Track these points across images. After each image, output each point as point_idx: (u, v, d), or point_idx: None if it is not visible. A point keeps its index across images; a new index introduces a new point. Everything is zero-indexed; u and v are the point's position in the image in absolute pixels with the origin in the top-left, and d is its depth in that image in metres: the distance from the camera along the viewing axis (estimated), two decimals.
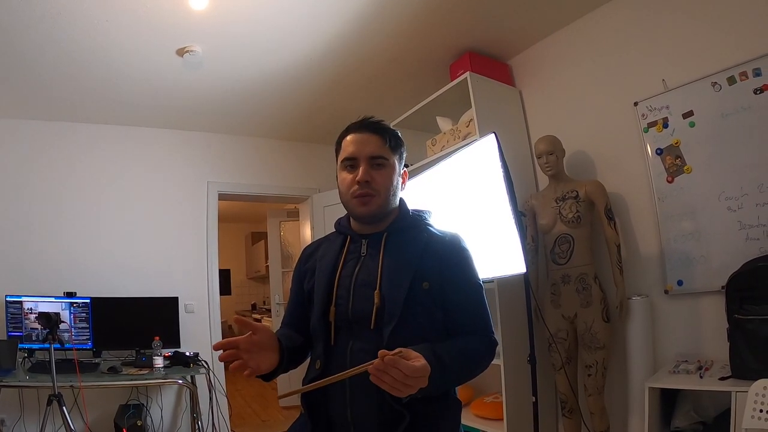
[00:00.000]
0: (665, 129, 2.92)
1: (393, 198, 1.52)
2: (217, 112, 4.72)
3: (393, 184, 1.51)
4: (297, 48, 3.66)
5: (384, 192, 1.48)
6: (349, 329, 1.44)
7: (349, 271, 1.50)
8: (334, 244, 1.59)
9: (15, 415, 3.80)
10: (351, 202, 1.49)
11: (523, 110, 3.90)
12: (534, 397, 2.84)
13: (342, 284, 1.48)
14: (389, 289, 1.40)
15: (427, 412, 1.35)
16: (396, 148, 1.54)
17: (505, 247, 2.81)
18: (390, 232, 1.52)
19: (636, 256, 3.12)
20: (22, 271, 4.19)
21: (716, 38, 2.73)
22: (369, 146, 1.48)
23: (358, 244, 1.54)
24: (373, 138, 1.49)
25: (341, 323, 1.45)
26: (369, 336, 1.39)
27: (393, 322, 1.36)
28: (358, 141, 1.49)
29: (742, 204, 2.59)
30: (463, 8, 3.29)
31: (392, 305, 1.38)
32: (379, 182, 1.47)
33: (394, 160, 1.53)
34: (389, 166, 1.50)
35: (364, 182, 1.45)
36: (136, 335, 4.19)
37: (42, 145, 4.49)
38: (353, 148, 1.49)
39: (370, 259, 1.49)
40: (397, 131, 1.58)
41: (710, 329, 2.71)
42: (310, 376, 1.44)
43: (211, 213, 5.11)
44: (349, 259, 1.53)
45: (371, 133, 1.50)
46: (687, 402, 2.56)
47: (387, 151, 1.50)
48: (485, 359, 1.44)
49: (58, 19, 3.02)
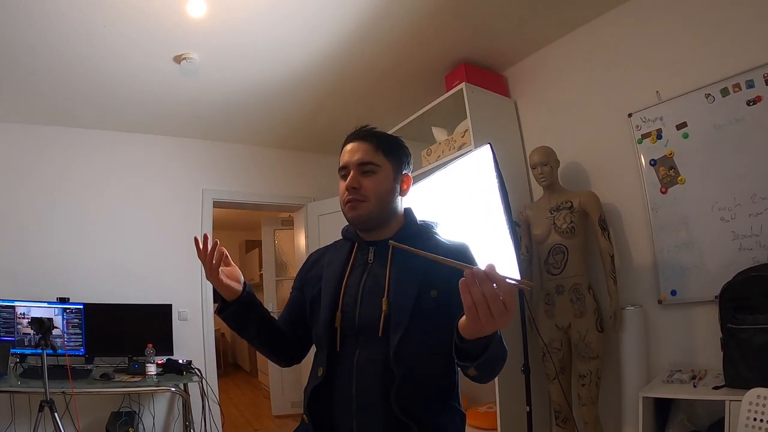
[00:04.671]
0: (659, 140, 2.95)
1: (387, 203, 1.51)
2: (212, 119, 4.72)
3: (385, 188, 1.50)
4: (293, 57, 3.68)
5: (374, 197, 1.47)
6: (355, 337, 1.42)
7: (357, 278, 1.49)
8: (341, 252, 1.59)
9: (6, 420, 3.76)
10: (343, 209, 1.52)
11: (518, 121, 3.92)
12: (528, 407, 2.84)
13: (349, 291, 1.47)
14: (397, 297, 1.39)
15: (434, 424, 1.35)
16: (390, 152, 1.54)
17: (500, 257, 2.82)
18: (397, 240, 1.46)
19: (630, 266, 3.13)
20: (14, 276, 4.16)
21: (709, 50, 2.76)
22: (357, 154, 1.49)
23: (366, 252, 1.54)
24: (362, 145, 1.51)
25: (347, 331, 1.43)
26: (376, 344, 1.38)
27: (400, 331, 1.35)
28: (350, 150, 1.52)
29: (735, 214, 2.61)
30: (458, 20, 3.32)
31: (399, 313, 1.37)
32: (368, 188, 1.47)
33: (389, 165, 1.53)
34: (380, 172, 1.50)
35: (352, 188, 1.46)
36: (129, 342, 4.16)
37: (37, 150, 4.48)
38: (345, 157, 1.52)
39: (377, 267, 1.49)
40: (394, 136, 1.61)
41: (704, 339, 2.72)
42: (313, 383, 1.43)
43: (205, 220, 5.11)
44: (356, 266, 1.52)
45: (360, 140, 1.52)
46: (681, 411, 2.56)
47: (378, 156, 1.50)
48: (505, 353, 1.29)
49: (55, 24, 3.02)
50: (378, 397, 1.30)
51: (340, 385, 1.38)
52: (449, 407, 1.44)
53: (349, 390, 1.36)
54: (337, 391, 1.38)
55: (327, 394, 1.40)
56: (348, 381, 1.37)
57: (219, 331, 7.15)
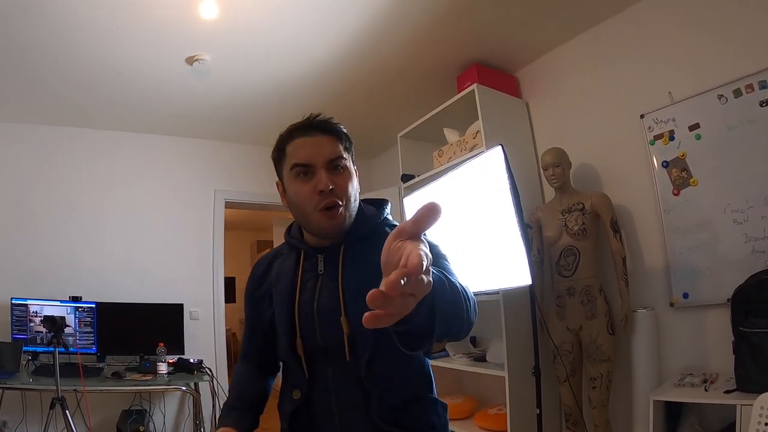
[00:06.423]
0: (671, 141, 2.93)
1: (356, 204, 1.34)
2: (224, 120, 4.75)
3: (356, 187, 1.33)
4: (304, 59, 3.70)
5: (349, 200, 1.29)
6: (324, 354, 1.30)
7: (309, 295, 1.32)
8: (287, 262, 1.41)
9: (17, 417, 3.80)
10: (314, 217, 1.27)
11: (529, 122, 3.91)
12: (538, 409, 2.84)
13: (304, 311, 1.31)
14: (356, 313, 1.21)
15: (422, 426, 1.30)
16: (350, 148, 1.36)
17: (511, 259, 2.82)
18: (347, 245, 1.33)
19: (641, 268, 3.11)
20: (28, 275, 4.21)
21: (722, 51, 2.74)
22: (325, 148, 1.28)
23: (314, 260, 1.36)
24: (328, 139, 1.30)
25: (313, 353, 1.32)
26: (348, 363, 1.26)
27: (367, 352, 1.23)
28: (311, 144, 1.29)
29: (748, 216, 2.59)
30: (470, 20, 3.32)
31: (363, 334, 1.22)
32: (343, 189, 1.28)
33: (350, 159, 1.35)
34: (349, 168, 1.32)
35: (329, 191, 1.24)
36: (141, 341, 4.20)
37: (51, 150, 4.53)
38: (306, 153, 1.28)
39: (328, 279, 1.32)
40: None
41: (715, 342, 2.70)
42: (291, 406, 1.33)
43: (217, 221, 5.13)
44: (306, 279, 1.35)
45: (325, 134, 1.31)
46: (692, 415, 2.54)
47: (344, 151, 1.32)
48: (470, 300, 1.06)
49: (69, 26, 3.05)
50: (360, 412, 1.24)
51: (319, 404, 1.30)
52: (431, 401, 1.36)
53: (329, 407, 1.29)
54: (317, 410, 1.31)
55: (307, 415, 1.32)
56: (326, 399, 1.29)
57: (230, 331, 7.18)
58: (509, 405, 3.13)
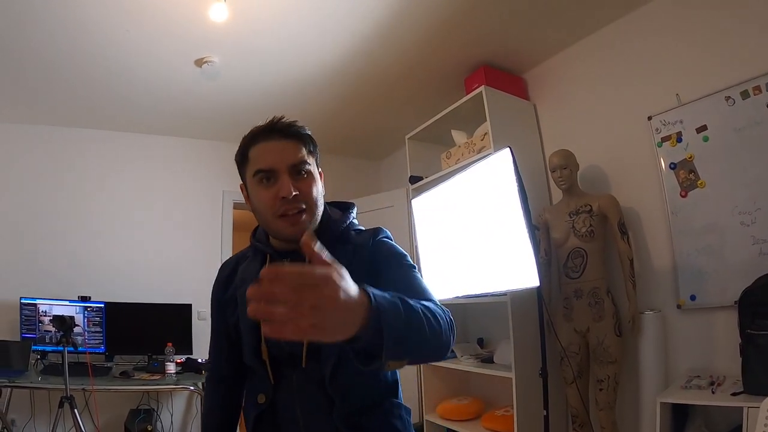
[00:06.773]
0: (679, 143, 2.92)
1: (321, 208, 1.32)
2: (233, 121, 4.76)
3: (321, 193, 1.32)
4: (311, 61, 3.72)
5: (313, 204, 1.27)
6: (289, 359, 1.28)
7: None
8: (252, 266, 1.40)
9: (26, 416, 3.84)
10: (276, 223, 1.26)
11: (537, 124, 3.91)
12: (545, 411, 2.83)
13: None
14: None
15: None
16: (315, 152, 1.34)
17: (519, 261, 2.82)
18: None
19: (649, 270, 3.11)
20: (37, 274, 4.25)
21: (729, 53, 2.74)
22: (288, 153, 1.25)
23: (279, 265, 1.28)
24: (291, 144, 1.27)
25: (277, 358, 1.30)
26: (312, 369, 1.25)
27: (332, 360, 1.23)
28: (273, 149, 1.26)
29: (756, 218, 2.58)
30: (477, 22, 3.33)
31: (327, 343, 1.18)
32: (307, 194, 1.26)
33: (315, 163, 1.33)
34: (313, 173, 1.30)
35: (292, 197, 1.22)
36: (149, 341, 4.23)
37: (60, 151, 4.58)
38: (269, 158, 1.25)
39: None
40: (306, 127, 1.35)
41: (723, 344, 2.69)
42: (255, 411, 1.33)
43: (225, 222, 5.16)
44: None
45: (288, 138, 1.27)
46: (698, 417, 2.54)
47: (308, 155, 1.29)
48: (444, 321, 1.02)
49: (83, 28, 3.09)
50: (323, 416, 1.24)
51: (283, 408, 1.30)
52: (395, 405, 1.35)
53: (293, 412, 1.28)
54: (281, 414, 1.30)
55: (271, 419, 1.32)
56: (290, 403, 1.28)
57: None
58: (516, 406, 3.13)
